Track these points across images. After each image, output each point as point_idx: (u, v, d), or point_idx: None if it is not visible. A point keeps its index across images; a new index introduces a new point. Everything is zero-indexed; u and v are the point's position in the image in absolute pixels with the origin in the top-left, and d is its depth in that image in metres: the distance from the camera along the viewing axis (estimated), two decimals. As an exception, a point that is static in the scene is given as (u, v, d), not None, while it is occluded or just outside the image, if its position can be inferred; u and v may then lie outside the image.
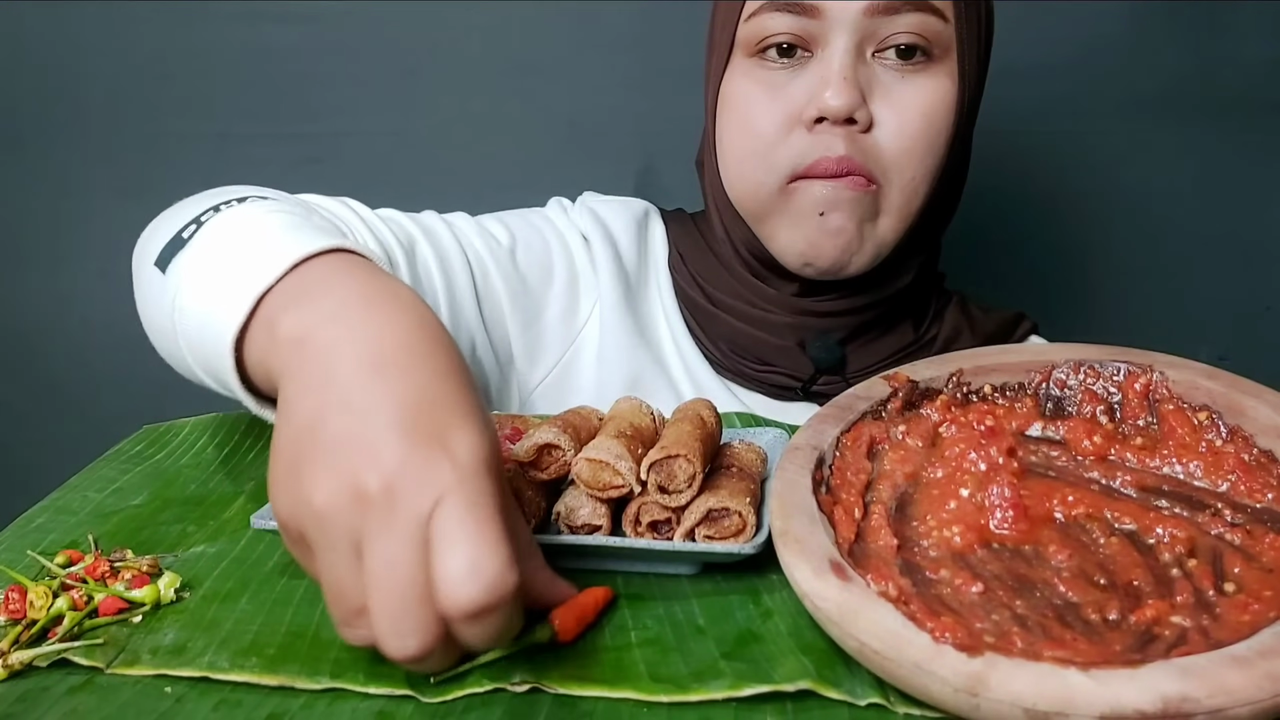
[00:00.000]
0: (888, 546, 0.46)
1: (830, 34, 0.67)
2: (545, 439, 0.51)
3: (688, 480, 0.49)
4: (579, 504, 0.50)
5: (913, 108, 0.69)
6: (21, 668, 0.44)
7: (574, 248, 0.80)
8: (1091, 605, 0.42)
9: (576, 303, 0.78)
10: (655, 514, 0.50)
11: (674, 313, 0.79)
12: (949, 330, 0.78)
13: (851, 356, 0.75)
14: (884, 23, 0.67)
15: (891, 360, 0.75)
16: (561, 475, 0.52)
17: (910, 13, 0.66)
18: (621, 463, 0.49)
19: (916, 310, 0.78)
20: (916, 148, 0.69)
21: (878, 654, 0.39)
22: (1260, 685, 0.35)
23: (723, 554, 0.48)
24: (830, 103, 0.66)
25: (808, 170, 0.69)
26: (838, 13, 0.66)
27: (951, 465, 0.51)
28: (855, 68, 0.67)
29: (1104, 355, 0.56)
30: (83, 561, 0.52)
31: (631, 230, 0.81)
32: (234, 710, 0.41)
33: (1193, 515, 0.48)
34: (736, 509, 0.48)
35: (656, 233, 0.82)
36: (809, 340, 0.75)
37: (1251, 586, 0.42)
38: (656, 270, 0.81)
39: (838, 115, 0.67)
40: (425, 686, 0.42)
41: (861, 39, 0.67)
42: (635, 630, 0.46)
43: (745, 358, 0.77)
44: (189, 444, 0.69)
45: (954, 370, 0.57)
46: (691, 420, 0.54)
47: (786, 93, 0.69)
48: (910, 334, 0.77)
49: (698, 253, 0.79)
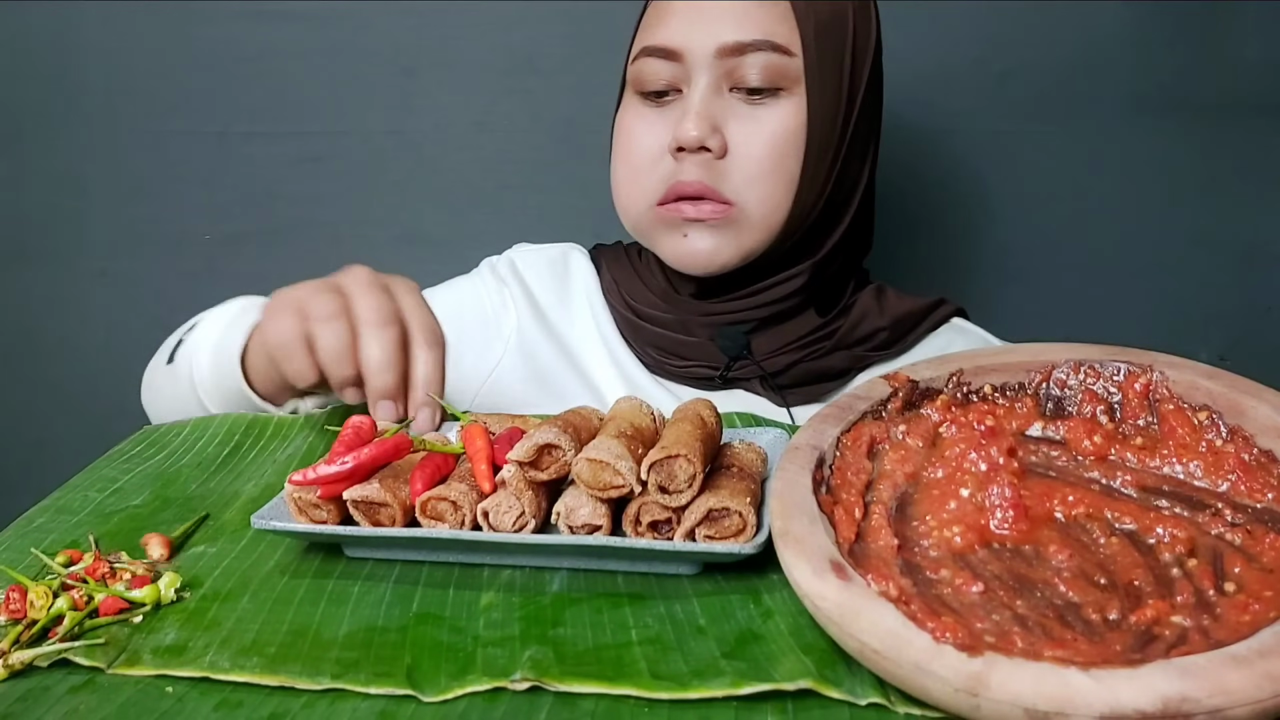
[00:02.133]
0: (888, 546, 0.46)
1: (693, 74, 0.77)
2: (545, 439, 0.51)
3: (688, 480, 0.49)
4: (579, 504, 0.51)
5: (761, 135, 0.77)
6: (22, 668, 0.44)
7: (485, 297, 0.93)
8: (1092, 605, 0.42)
9: (489, 343, 0.91)
10: (656, 514, 0.50)
11: (610, 330, 0.90)
12: (856, 315, 0.86)
13: (757, 343, 0.84)
14: (735, 62, 0.76)
15: (796, 344, 0.84)
16: (562, 475, 0.52)
17: (756, 52, 0.75)
18: (622, 463, 0.49)
19: (824, 301, 0.86)
20: (765, 169, 0.78)
21: (878, 654, 0.39)
22: (1260, 685, 0.35)
23: (723, 554, 0.48)
24: (684, 134, 0.76)
25: (670, 192, 0.78)
26: (695, 56, 0.77)
27: (952, 465, 0.51)
28: (710, 103, 0.77)
29: (1104, 355, 0.56)
30: (83, 561, 0.52)
31: (545, 273, 0.94)
32: (235, 710, 0.41)
33: (1193, 515, 0.48)
34: (737, 509, 0.48)
35: (578, 268, 0.94)
36: (718, 334, 0.84)
37: (1252, 586, 0.42)
38: (584, 299, 0.93)
39: (691, 144, 0.76)
40: (426, 685, 0.42)
41: (717, 77, 0.77)
42: (636, 629, 0.46)
43: (669, 357, 0.86)
44: (189, 444, 0.69)
45: (954, 370, 0.57)
46: (691, 420, 0.54)
47: (659, 126, 0.79)
48: (815, 320, 0.85)
49: (626, 276, 0.91)
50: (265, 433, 0.69)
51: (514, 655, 0.44)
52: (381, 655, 0.44)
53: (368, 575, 0.52)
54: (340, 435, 0.56)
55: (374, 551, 0.54)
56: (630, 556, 0.50)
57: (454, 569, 0.52)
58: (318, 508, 0.53)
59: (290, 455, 0.66)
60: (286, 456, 0.66)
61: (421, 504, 0.52)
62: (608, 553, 0.50)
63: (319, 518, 0.53)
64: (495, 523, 0.51)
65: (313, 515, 0.53)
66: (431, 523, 0.52)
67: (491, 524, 0.51)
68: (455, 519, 0.52)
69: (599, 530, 0.50)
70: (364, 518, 0.53)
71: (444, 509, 0.52)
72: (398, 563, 0.53)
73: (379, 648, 0.45)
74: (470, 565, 0.52)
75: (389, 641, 0.45)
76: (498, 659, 0.43)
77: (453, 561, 0.53)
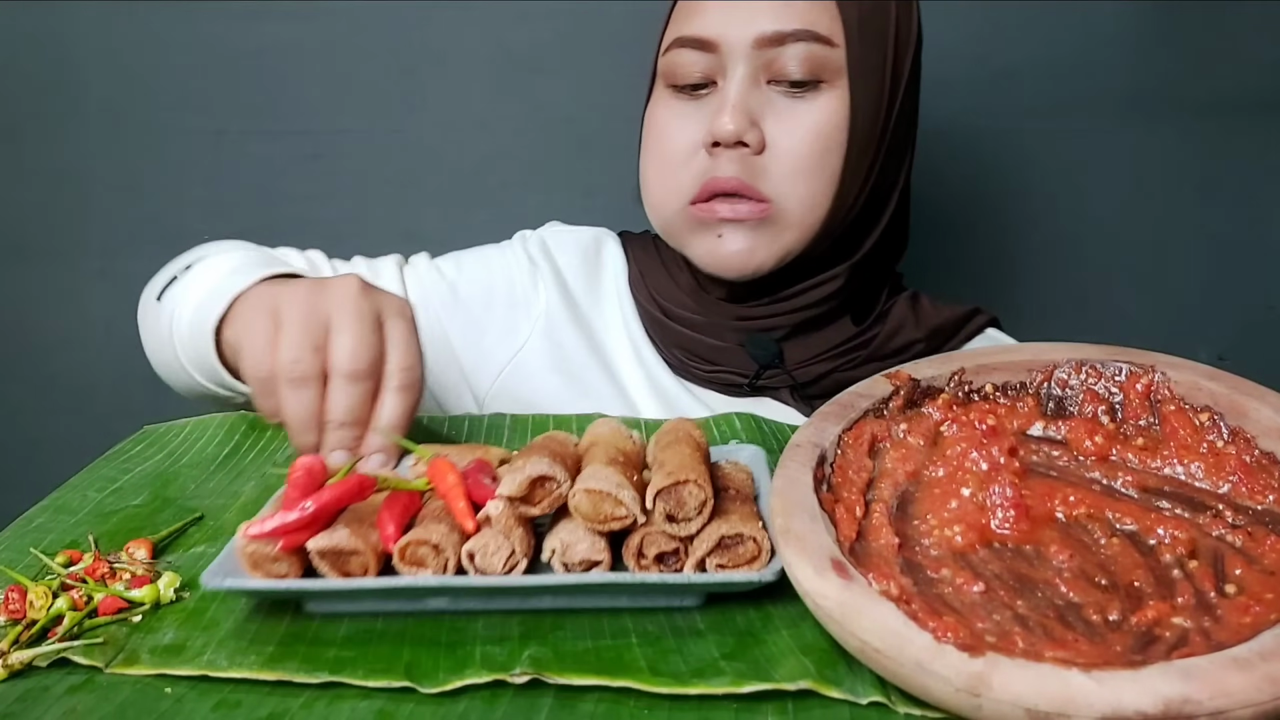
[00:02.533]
0: (889, 545, 0.46)
1: (729, 66, 0.74)
2: (538, 471, 0.47)
3: (698, 507, 0.46)
4: (575, 538, 0.46)
5: (801, 129, 0.74)
6: (21, 667, 0.44)
7: (516, 276, 0.89)
8: (1093, 606, 0.42)
9: (516, 324, 0.87)
10: (662, 545, 0.47)
11: (635, 325, 0.86)
12: (892, 324, 0.83)
13: (789, 351, 0.80)
14: (774, 53, 0.73)
15: (829, 353, 0.81)
16: (553, 509, 0.48)
17: (796, 43, 0.72)
18: (624, 492, 0.46)
19: (859, 308, 0.83)
20: (806, 166, 0.74)
21: (879, 653, 0.39)
22: (1261, 687, 0.35)
23: (742, 583, 0.45)
24: (720, 128, 0.73)
25: (704, 190, 0.75)
26: (732, 46, 0.73)
27: (953, 464, 0.51)
28: (747, 96, 0.74)
29: (1105, 355, 0.56)
30: (82, 561, 0.52)
31: (578, 258, 0.90)
32: (233, 710, 0.41)
33: (1194, 516, 0.48)
34: (751, 534, 0.46)
35: (610, 257, 0.91)
36: (748, 341, 0.80)
37: (1252, 588, 0.42)
38: (614, 290, 0.89)
39: (728, 139, 0.73)
40: (425, 680, 0.42)
41: (755, 69, 0.74)
42: (635, 632, 0.45)
43: (696, 361, 0.83)
44: (189, 444, 0.69)
45: (956, 369, 0.57)
46: (687, 442, 0.51)
47: (693, 120, 0.76)
48: (850, 329, 0.82)
49: (654, 270, 0.86)
50: (265, 433, 0.69)
51: (514, 654, 0.43)
52: (380, 653, 0.44)
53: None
54: (290, 477, 0.50)
55: (343, 605, 0.47)
56: (637, 592, 0.47)
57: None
58: (278, 561, 0.46)
59: (290, 455, 0.66)
60: (286, 457, 0.66)
61: (400, 550, 0.46)
62: (618, 590, 0.46)
63: (278, 571, 0.46)
64: (483, 565, 0.46)
65: (270, 570, 0.46)
66: (412, 569, 0.46)
67: (478, 566, 0.46)
68: (437, 564, 0.46)
69: (598, 566, 0.46)
70: (330, 568, 0.47)
71: (424, 554, 0.46)
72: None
73: (378, 646, 0.45)
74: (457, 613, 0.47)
75: (388, 641, 0.45)
76: (497, 656, 0.43)
77: (434, 610, 0.47)
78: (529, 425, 0.71)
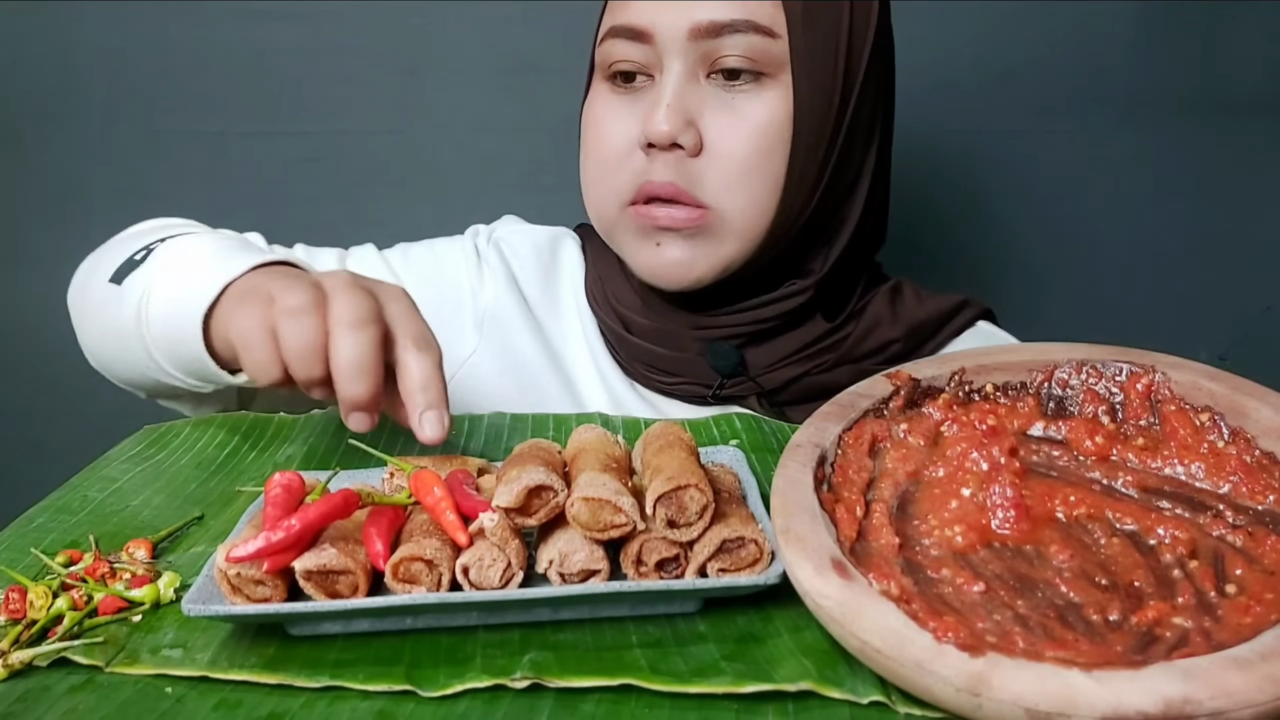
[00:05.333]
0: (889, 545, 0.46)
1: (665, 59, 0.69)
2: (535, 480, 0.46)
3: (699, 511, 0.46)
4: (573, 548, 0.45)
5: (741, 128, 0.69)
6: (21, 667, 0.44)
7: (463, 270, 0.84)
8: (1093, 606, 0.42)
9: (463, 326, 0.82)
10: (663, 551, 0.46)
11: (594, 335, 0.82)
12: (868, 322, 0.78)
13: (753, 357, 0.76)
14: (712, 45, 0.67)
15: (797, 356, 0.76)
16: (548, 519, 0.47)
17: (735, 33, 0.67)
18: (623, 499, 0.45)
19: (830, 305, 0.78)
20: (746, 168, 0.69)
21: (879, 653, 0.39)
22: (1261, 687, 0.35)
23: (746, 587, 0.45)
24: (653, 129, 0.68)
25: (640, 192, 0.70)
26: (667, 37, 0.68)
27: (953, 464, 0.51)
28: (684, 92, 0.68)
29: (1106, 355, 0.56)
30: (83, 561, 0.52)
31: (531, 260, 0.85)
32: (234, 710, 0.41)
33: (1194, 516, 0.48)
34: (752, 537, 0.46)
35: (568, 259, 0.85)
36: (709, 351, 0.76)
37: (1253, 588, 0.42)
38: (571, 297, 0.84)
39: (661, 141, 0.68)
40: (425, 683, 0.42)
41: (693, 63, 0.69)
42: (636, 634, 0.45)
43: (657, 373, 0.78)
44: (189, 444, 0.69)
45: (956, 369, 0.57)
46: (680, 446, 0.50)
47: (628, 116, 0.71)
48: (821, 326, 0.77)
49: (612, 274, 0.81)
50: (265, 433, 0.69)
51: (514, 657, 0.43)
52: (381, 656, 0.44)
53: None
54: (267, 495, 0.47)
55: (330, 626, 0.46)
56: (639, 600, 0.46)
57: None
58: (260, 584, 0.44)
59: (290, 455, 0.66)
60: (286, 457, 0.66)
61: (393, 567, 0.45)
62: (619, 598, 0.46)
63: (260, 595, 0.44)
64: (478, 579, 0.45)
65: (252, 593, 0.44)
66: (405, 587, 0.45)
67: (473, 581, 0.45)
68: (431, 580, 0.45)
69: (596, 575, 0.46)
70: (317, 589, 0.45)
71: (418, 570, 0.45)
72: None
73: (378, 649, 0.45)
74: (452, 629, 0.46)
75: (388, 643, 0.45)
76: (497, 659, 0.43)
77: (426, 628, 0.46)
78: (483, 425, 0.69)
